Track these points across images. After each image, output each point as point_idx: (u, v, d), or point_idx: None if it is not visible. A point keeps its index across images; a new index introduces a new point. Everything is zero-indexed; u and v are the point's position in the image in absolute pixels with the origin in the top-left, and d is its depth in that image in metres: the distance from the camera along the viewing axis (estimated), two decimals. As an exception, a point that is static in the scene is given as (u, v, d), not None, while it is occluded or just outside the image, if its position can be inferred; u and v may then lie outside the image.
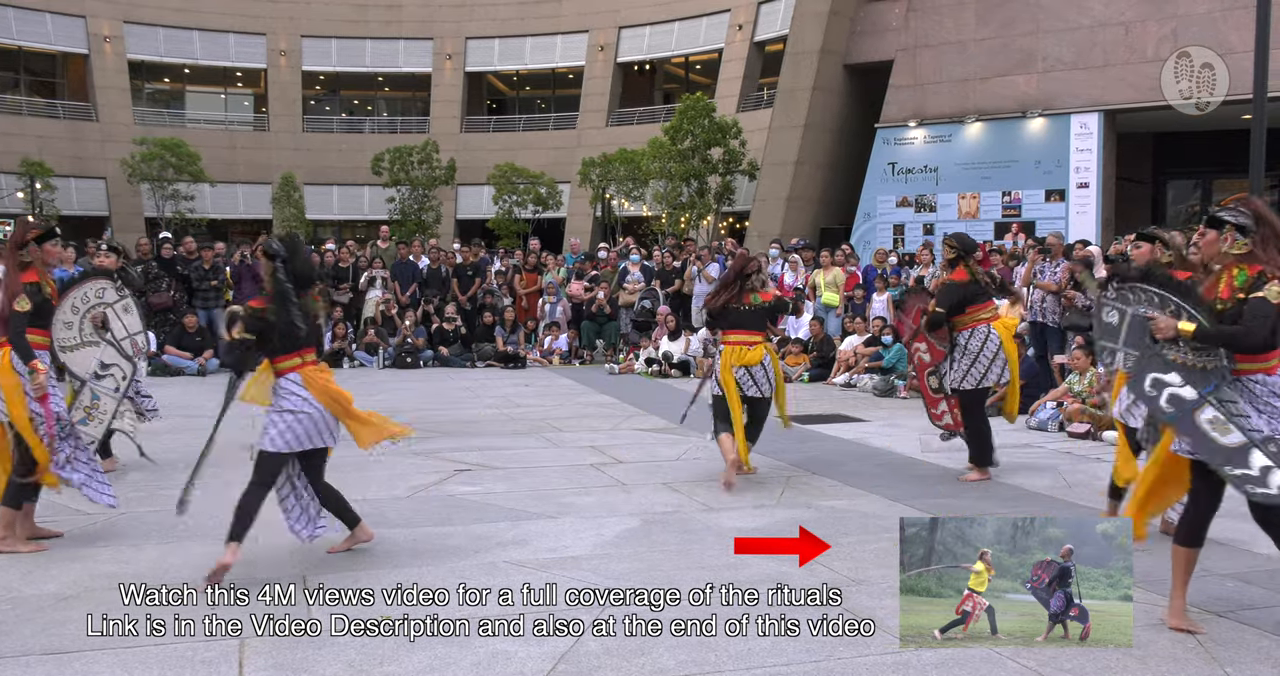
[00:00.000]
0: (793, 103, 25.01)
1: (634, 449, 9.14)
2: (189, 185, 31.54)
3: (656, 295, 17.25)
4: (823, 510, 6.82)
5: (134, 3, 34.52)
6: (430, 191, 32.55)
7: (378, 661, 4.22)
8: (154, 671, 4.11)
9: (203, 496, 5.64)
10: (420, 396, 12.87)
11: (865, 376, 13.83)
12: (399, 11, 36.70)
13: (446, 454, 8.84)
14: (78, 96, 35.23)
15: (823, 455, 8.85)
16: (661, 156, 26.82)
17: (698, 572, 5.39)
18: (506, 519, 6.56)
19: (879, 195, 23.17)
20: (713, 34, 33.46)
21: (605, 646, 4.37)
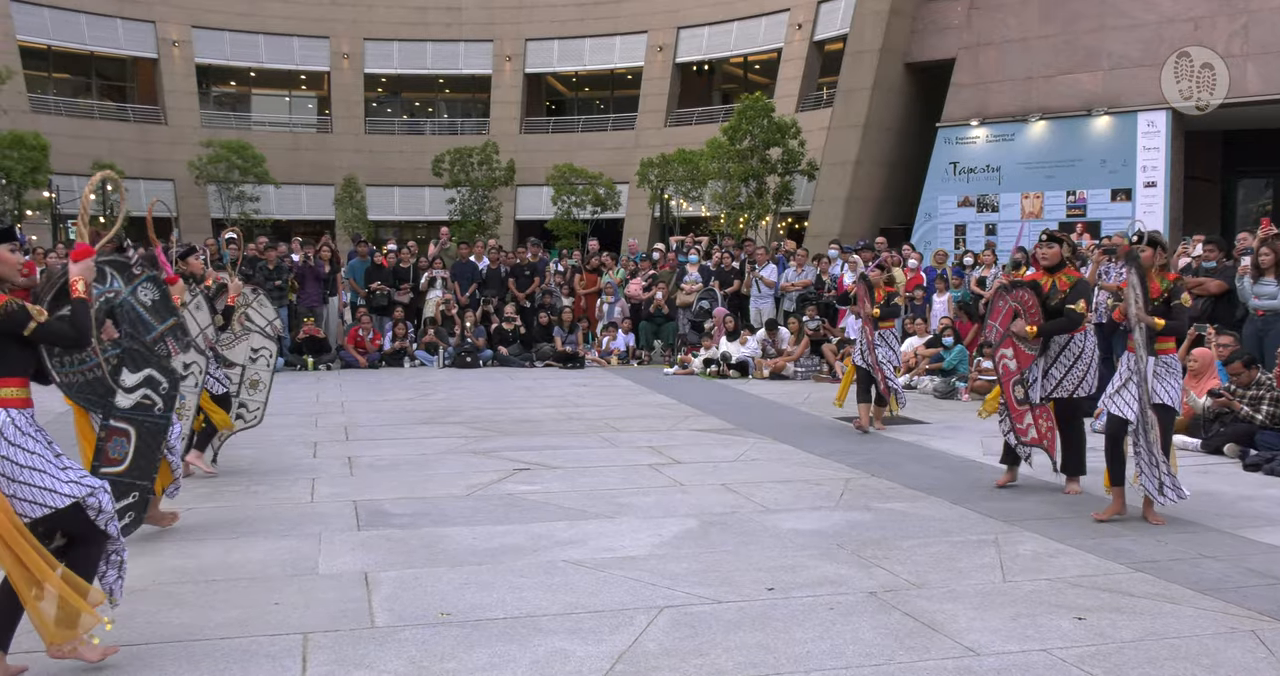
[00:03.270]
0: (852, 102, 24.85)
1: (691, 449, 9.13)
2: (254, 186, 32.08)
3: (715, 295, 17.21)
4: (882, 513, 6.76)
5: (201, 7, 35.15)
6: (490, 192, 32.80)
7: (438, 658, 4.26)
8: (220, 665, 4.18)
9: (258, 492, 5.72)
10: (479, 396, 12.96)
11: (925, 378, 13.70)
12: (459, 14, 37.00)
13: (505, 453, 8.90)
14: (147, 100, 35.96)
15: (882, 457, 8.78)
16: (720, 157, 26.77)
17: (756, 574, 5.37)
18: (564, 518, 6.58)
19: (940, 195, 22.94)
20: (772, 33, 33.32)
21: (663, 647, 4.37)
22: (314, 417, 11.02)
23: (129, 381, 4.35)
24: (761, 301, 16.99)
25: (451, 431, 10.11)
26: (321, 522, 6.46)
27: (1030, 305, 7.33)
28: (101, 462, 4.25)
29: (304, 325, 16.30)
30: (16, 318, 3.83)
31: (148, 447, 4.39)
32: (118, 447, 4.28)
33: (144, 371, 4.44)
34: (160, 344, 4.54)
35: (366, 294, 17.24)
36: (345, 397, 12.74)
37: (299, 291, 16.52)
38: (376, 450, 9.04)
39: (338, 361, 16.47)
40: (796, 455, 8.87)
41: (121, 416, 4.30)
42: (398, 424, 10.63)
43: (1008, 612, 4.79)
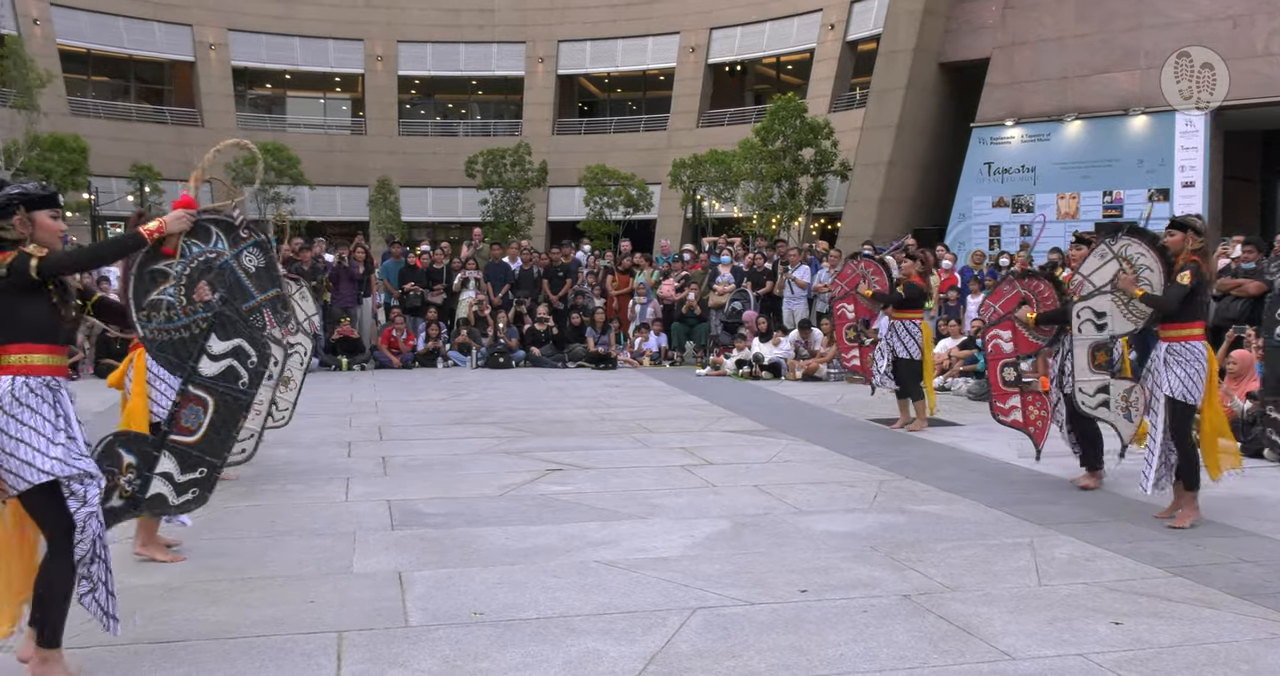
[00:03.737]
0: (886, 102, 24.75)
1: (724, 450, 9.12)
2: (289, 188, 32.34)
3: (747, 296, 17.18)
4: (916, 515, 6.72)
5: (238, 10, 35.49)
6: (522, 193, 32.90)
7: (472, 657, 4.27)
8: (256, 662, 4.22)
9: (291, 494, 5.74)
10: (512, 396, 13.00)
11: (959, 380, 13.61)
12: (492, 16, 37.14)
13: (538, 453, 8.92)
14: (184, 102, 36.34)
15: (915, 460, 8.72)
16: (752, 157, 26.73)
17: (789, 576, 5.36)
18: (597, 519, 6.59)
19: (974, 195, 22.79)
20: (804, 34, 33.24)
21: (696, 648, 4.37)
22: (348, 417, 11.09)
23: (216, 348, 4.08)
24: (794, 302, 16.94)
25: (484, 431, 10.15)
26: (356, 522, 6.51)
27: (1046, 296, 7.64)
28: (172, 429, 4.02)
29: (338, 325, 16.42)
30: (18, 266, 3.69)
31: (224, 422, 4.11)
32: (192, 416, 4.04)
33: (234, 341, 4.15)
34: (257, 314, 4.22)
35: (400, 295, 17.33)
36: (379, 397, 12.82)
37: (333, 292, 16.63)
38: (410, 450, 9.09)
39: (372, 361, 16.58)
40: (829, 457, 8.83)
41: (202, 383, 4.03)
42: (431, 424, 10.68)
43: (1043, 616, 4.75)
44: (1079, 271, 7.11)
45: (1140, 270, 6.70)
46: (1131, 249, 6.77)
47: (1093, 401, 7.24)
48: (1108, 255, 6.87)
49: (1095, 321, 6.99)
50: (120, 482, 3.91)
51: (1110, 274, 6.84)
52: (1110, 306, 6.90)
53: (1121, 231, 6.96)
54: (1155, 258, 6.68)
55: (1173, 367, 6.38)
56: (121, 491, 3.89)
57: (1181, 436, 6.45)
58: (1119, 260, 6.81)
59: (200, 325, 4.08)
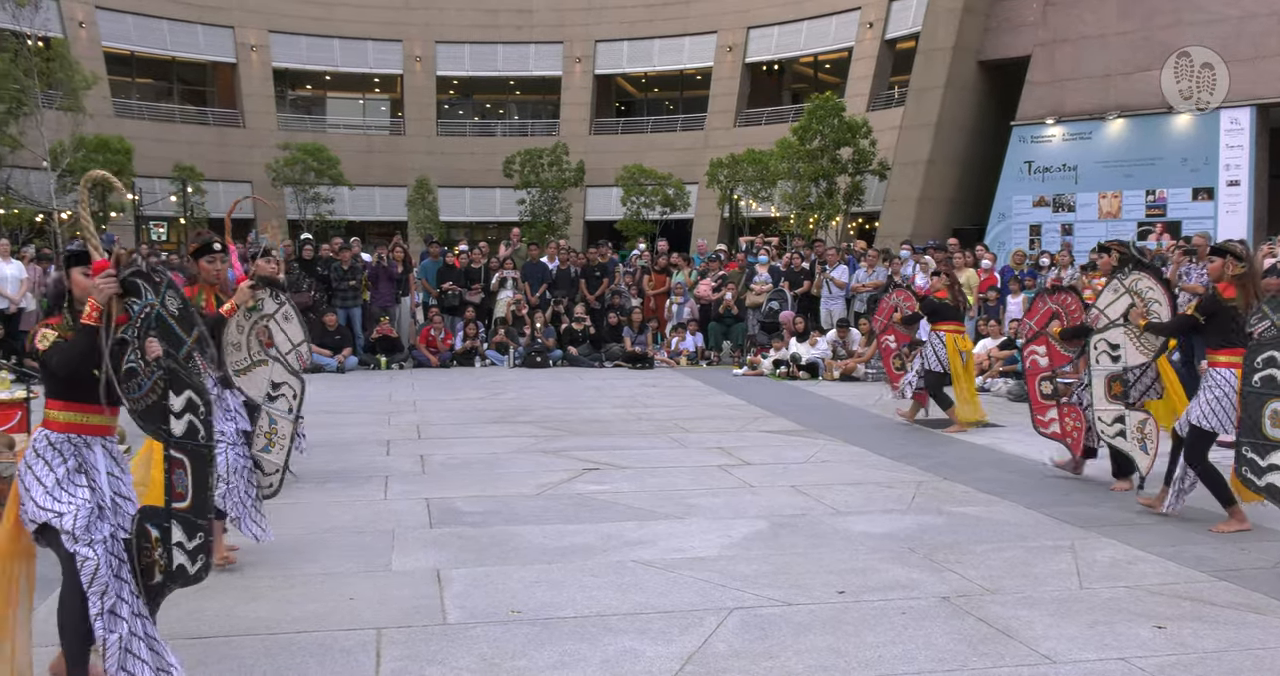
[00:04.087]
0: (924, 101, 24.60)
1: (761, 451, 9.10)
2: (329, 188, 32.60)
3: (785, 296, 17.12)
4: (954, 516, 6.68)
5: (278, 12, 35.80)
6: (559, 193, 32.97)
7: (509, 655, 4.29)
8: (295, 658, 4.26)
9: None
10: (549, 395, 13.03)
11: (999, 380, 13.50)
12: (530, 16, 37.25)
13: (574, 452, 8.94)
14: (226, 104, 36.73)
15: (954, 461, 8.67)
16: (790, 157, 26.64)
17: (826, 576, 5.34)
18: (634, 518, 6.60)
19: (1014, 194, 22.60)
20: (842, 32, 33.08)
21: (733, 648, 4.37)
22: (387, 416, 11.17)
23: (176, 405, 3.91)
24: (832, 302, 16.86)
25: (522, 431, 10.18)
26: (395, 520, 6.55)
27: (1073, 309, 7.90)
28: (171, 497, 3.93)
29: (377, 325, 16.53)
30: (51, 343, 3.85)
31: (201, 478, 3.93)
32: (180, 480, 3.90)
33: (185, 394, 3.94)
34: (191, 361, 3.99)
35: (438, 294, 17.42)
36: (417, 396, 12.90)
37: (372, 291, 16.74)
38: (448, 449, 9.14)
39: (410, 360, 16.67)
40: (867, 457, 8.79)
41: (175, 444, 3.90)
42: (469, 423, 10.73)
43: (1085, 620, 4.71)
44: (1095, 305, 7.37)
45: (1150, 303, 7.01)
46: (1141, 283, 7.09)
47: (1110, 430, 7.34)
48: (1120, 289, 7.19)
49: (1110, 353, 7.27)
50: (156, 557, 3.87)
51: (1124, 307, 7.14)
52: (1124, 339, 7.19)
53: (1129, 266, 7.34)
54: (1162, 291, 7.02)
55: (1203, 393, 6.40)
56: (159, 566, 3.86)
57: (1197, 461, 6.38)
58: (1131, 294, 7.11)
59: (160, 385, 3.90)
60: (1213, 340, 6.49)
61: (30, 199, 26.38)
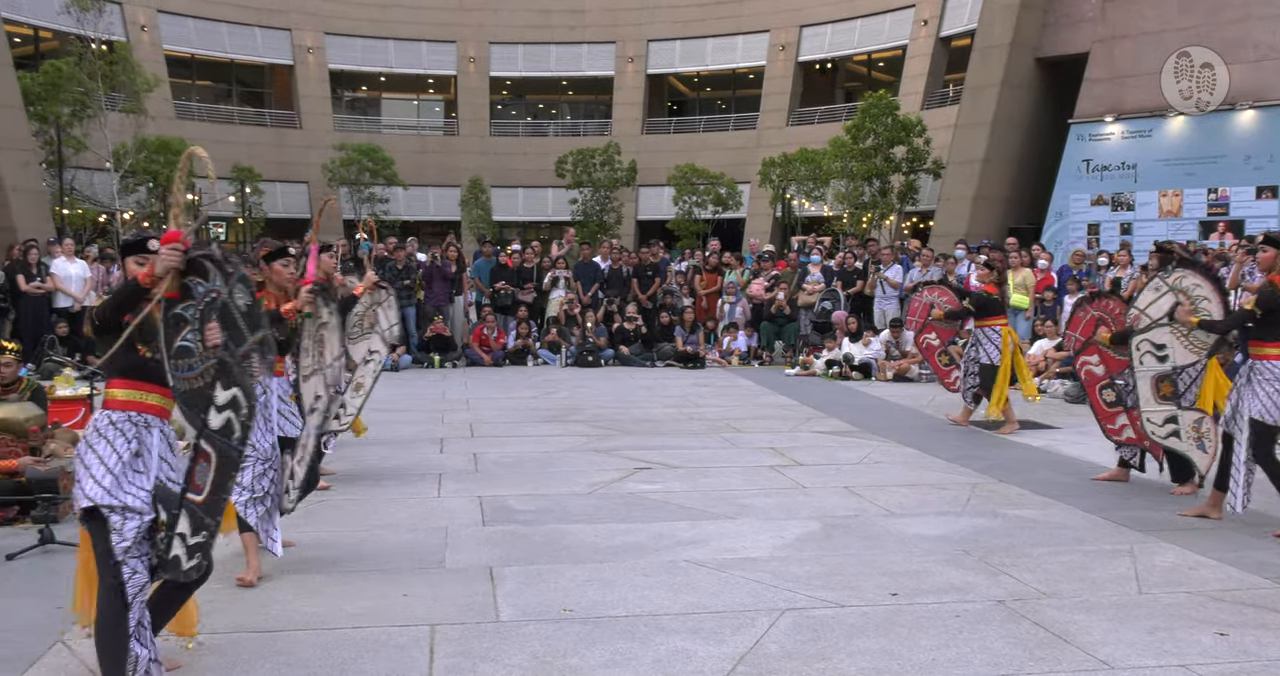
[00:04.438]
0: (980, 99, 24.31)
1: (813, 451, 9.05)
2: (383, 188, 32.91)
3: (837, 296, 17.02)
4: (1010, 519, 6.60)
5: (334, 14, 36.20)
6: (611, 193, 33.02)
7: (561, 653, 4.31)
8: (350, 653, 4.31)
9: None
10: (600, 394, 13.07)
11: (1056, 381, 13.32)
12: (583, 16, 37.33)
13: (626, 451, 8.96)
14: (283, 105, 37.20)
15: (1010, 463, 8.57)
16: (843, 155, 26.46)
17: (880, 578, 5.30)
18: (685, 518, 6.59)
19: (1072, 193, 22.26)
20: (896, 30, 32.80)
21: (785, 649, 4.35)
22: (440, 414, 11.26)
23: (220, 398, 3.72)
24: (886, 302, 16.74)
25: (573, 429, 10.21)
26: (448, 517, 6.61)
27: (1117, 313, 7.70)
28: (189, 487, 3.76)
29: (431, 324, 16.66)
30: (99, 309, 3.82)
31: (221, 478, 3.75)
32: (202, 473, 3.74)
33: (232, 390, 3.75)
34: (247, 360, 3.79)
35: (491, 293, 17.53)
36: (470, 395, 12.99)
37: (426, 291, 16.88)
38: (501, 447, 9.19)
39: (463, 359, 16.80)
40: (921, 459, 8.72)
41: (207, 436, 3.72)
42: (521, 421, 10.78)
43: (1144, 625, 4.63)
44: (1134, 304, 7.22)
45: (1198, 301, 6.87)
46: (1186, 281, 6.94)
47: (1162, 431, 7.14)
48: (1163, 288, 7.04)
49: (1155, 353, 7.10)
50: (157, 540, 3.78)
51: (1167, 306, 6.99)
52: (1170, 338, 7.04)
53: (1172, 263, 7.18)
54: (1211, 288, 6.86)
55: (1256, 387, 6.27)
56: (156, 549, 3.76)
57: (1264, 457, 6.29)
58: (1175, 292, 6.96)
59: (210, 372, 3.73)
60: (1265, 333, 6.33)
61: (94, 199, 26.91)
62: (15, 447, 6.87)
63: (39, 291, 15.42)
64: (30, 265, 15.53)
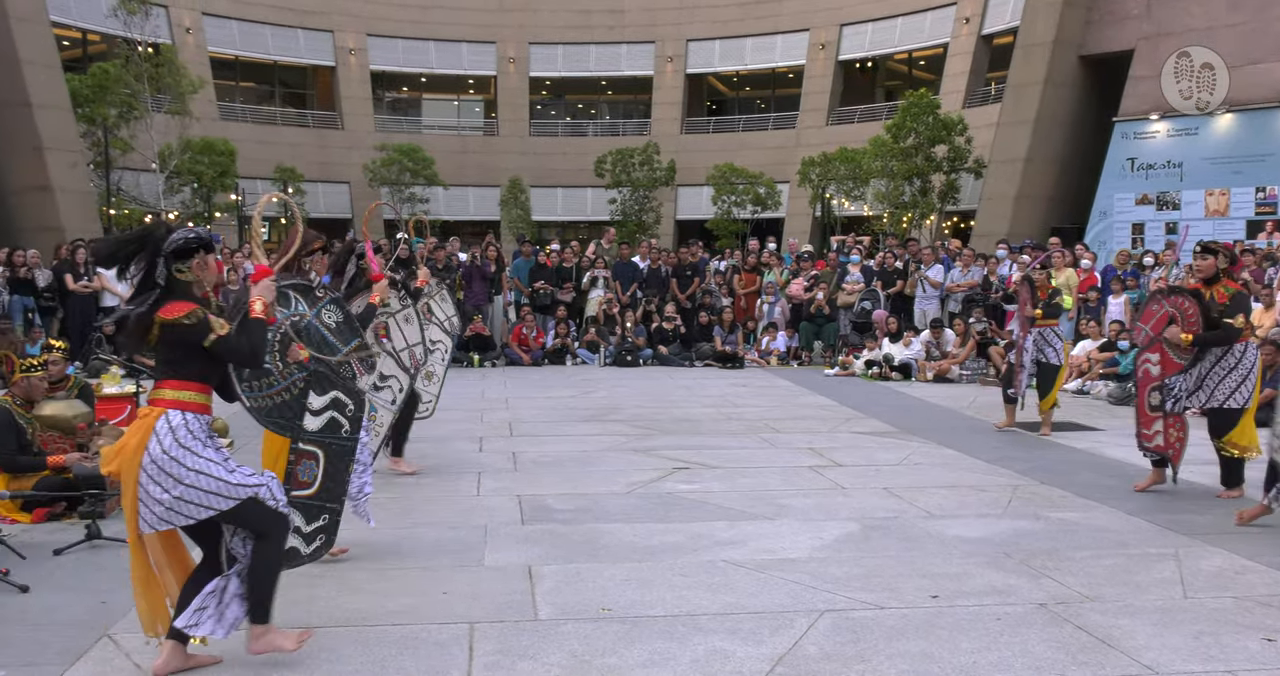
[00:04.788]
0: (1023, 97, 24.09)
1: (853, 452, 9.01)
2: (424, 188, 33.13)
3: (877, 296, 16.93)
4: (1052, 521, 6.54)
5: (376, 17, 36.48)
6: (650, 192, 33.04)
7: (599, 652, 4.32)
8: (390, 650, 4.34)
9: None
10: (639, 394, 13.07)
11: (1100, 383, 13.18)
12: (622, 16, 37.38)
13: (665, 451, 8.96)
14: (325, 106, 37.55)
15: (1052, 465, 8.48)
16: (883, 155, 26.33)
17: (919, 581, 5.27)
18: (724, 518, 6.58)
19: (1116, 192, 22.01)
20: (938, 28, 32.59)
21: (824, 651, 4.33)
22: (480, 413, 11.31)
23: (316, 404, 4.35)
24: (926, 302, 16.62)
25: (612, 429, 10.23)
26: (487, 516, 6.63)
27: (1190, 313, 7.27)
28: (292, 486, 4.30)
29: (470, 323, 16.75)
30: (199, 329, 3.93)
31: (336, 470, 4.38)
32: (306, 471, 4.30)
33: (330, 393, 4.42)
34: (345, 365, 4.50)
35: (530, 293, 17.59)
36: (509, 394, 13.04)
37: (466, 290, 16.97)
38: (540, 446, 9.22)
39: (502, 358, 16.87)
40: (962, 460, 8.65)
41: (310, 439, 4.30)
42: (560, 421, 10.81)
43: (1189, 630, 4.57)
44: None
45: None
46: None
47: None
48: None
49: None
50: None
51: None
52: None
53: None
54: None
55: None
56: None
57: None
58: None
59: (298, 385, 4.31)
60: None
61: (140, 200, 27.29)
62: (63, 444, 6.98)
63: (86, 290, 15.66)
64: (78, 264, 15.78)
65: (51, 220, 21.19)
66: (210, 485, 3.91)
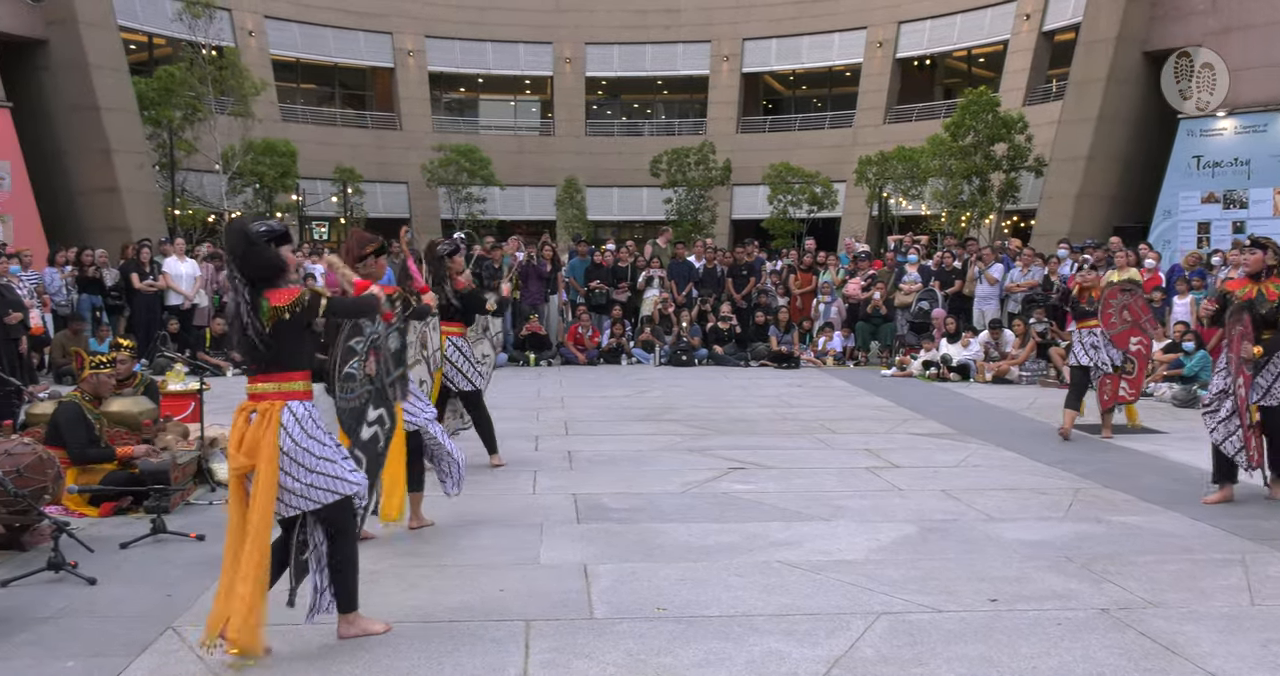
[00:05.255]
0: (1085, 94, 23.69)
1: (910, 453, 8.93)
2: (481, 188, 33.34)
3: (935, 296, 16.76)
4: (1114, 526, 6.43)
5: (434, 18, 36.75)
6: (706, 192, 32.98)
7: (655, 652, 4.32)
8: (448, 646, 4.38)
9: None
10: (694, 394, 13.06)
11: (1164, 385, 12.94)
12: (678, 16, 37.33)
13: (720, 451, 8.94)
14: (384, 107, 37.90)
15: (1115, 468, 8.34)
16: (941, 153, 26.03)
17: (978, 584, 5.21)
18: (779, 518, 6.56)
19: (1181, 191, 21.59)
20: (998, 25, 32.16)
21: (880, 653, 4.30)
22: (535, 412, 11.37)
23: (371, 416, 4.73)
24: (986, 303, 16.43)
25: (667, 428, 10.23)
26: (543, 514, 6.67)
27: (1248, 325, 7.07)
28: None
29: (526, 322, 16.84)
30: (310, 302, 4.12)
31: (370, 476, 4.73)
32: None
33: (380, 410, 4.82)
34: (392, 388, 4.95)
35: (586, 292, 17.65)
36: (565, 393, 13.09)
37: (522, 290, 17.06)
38: (595, 445, 9.25)
39: (558, 358, 16.94)
40: (1022, 463, 8.55)
41: (359, 445, 4.68)
42: (615, 420, 10.84)
43: (1256, 638, 4.47)
44: None
45: None
46: None
47: None
48: None
49: None
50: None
51: None
52: None
53: None
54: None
55: None
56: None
57: None
58: None
59: (365, 396, 4.72)
60: None
61: (203, 200, 27.74)
62: (129, 440, 7.13)
63: (151, 289, 15.97)
64: (143, 264, 16.09)
65: (118, 220, 21.63)
66: (333, 470, 4.21)
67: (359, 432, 4.68)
